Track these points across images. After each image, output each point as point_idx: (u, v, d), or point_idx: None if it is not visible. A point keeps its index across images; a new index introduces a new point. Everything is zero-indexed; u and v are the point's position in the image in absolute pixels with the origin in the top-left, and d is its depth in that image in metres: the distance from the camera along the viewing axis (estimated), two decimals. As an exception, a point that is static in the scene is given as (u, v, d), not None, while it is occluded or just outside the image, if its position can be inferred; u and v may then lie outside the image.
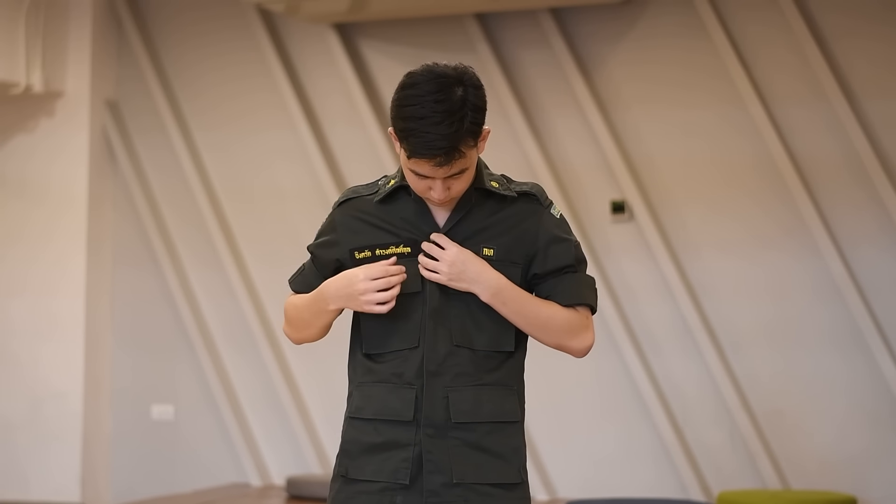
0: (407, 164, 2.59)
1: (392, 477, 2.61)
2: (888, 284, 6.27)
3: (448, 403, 2.60)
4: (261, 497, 6.77)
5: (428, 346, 2.61)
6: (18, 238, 7.38)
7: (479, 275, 2.61)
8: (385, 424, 2.63)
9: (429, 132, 2.51)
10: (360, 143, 7.08)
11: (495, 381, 2.64)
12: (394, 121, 2.57)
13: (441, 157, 2.53)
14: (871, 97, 6.34)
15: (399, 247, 2.65)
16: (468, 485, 2.60)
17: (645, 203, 6.61)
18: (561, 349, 2.71)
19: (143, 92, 7.44)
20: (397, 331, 2.63)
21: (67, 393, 7.24)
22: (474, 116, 2.55)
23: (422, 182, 2.60)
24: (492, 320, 2.64)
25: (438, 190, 2.59)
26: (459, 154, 2.54)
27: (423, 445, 2.60)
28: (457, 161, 2.55)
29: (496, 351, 2.65)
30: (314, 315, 2.72)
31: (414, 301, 2.63)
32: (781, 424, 6.39)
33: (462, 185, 2.61)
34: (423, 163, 2.55)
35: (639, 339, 6.60)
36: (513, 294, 2.63)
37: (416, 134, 2.52)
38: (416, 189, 2.63)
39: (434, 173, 2.56)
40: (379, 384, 2.64)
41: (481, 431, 2.62)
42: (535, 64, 6.84)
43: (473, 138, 2.57)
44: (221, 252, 7.24)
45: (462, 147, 2.54)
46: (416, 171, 2.58)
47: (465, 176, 2.61)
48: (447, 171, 2.56)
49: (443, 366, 2.61)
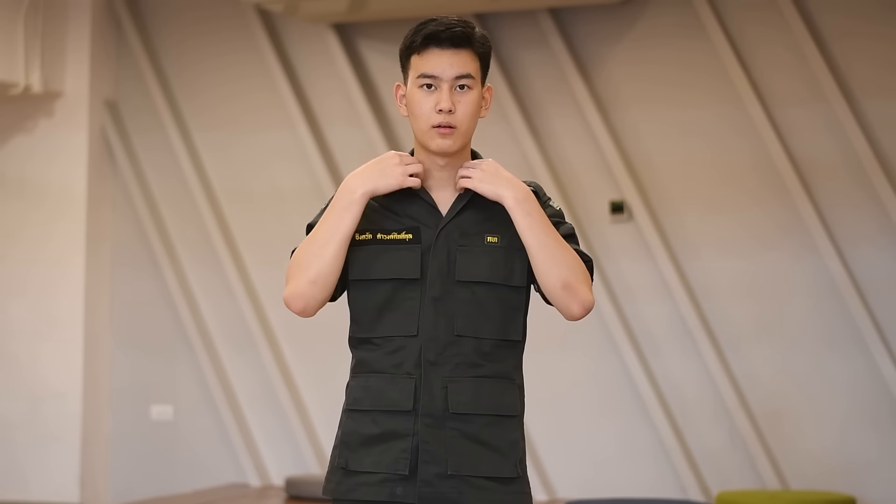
0: (416, 71, 2.62)
1: (392, 468, 2.60)
2: (887, 284, 6.27)
3: (447, 394, 2.60)
4: (260, 497, 6.77)
5: (427, 336, 2.60)
6: (18, 238, 7.38)
7: (509, 180, 2.63)
8: (384, 415, 2.62)
9: (440, 21, 2.62)
10: (359, 143, 7.08)
11: (496, 372, 2.63)
12: (404, 43, 2.65)
13: (453, 38, 2.60)
14: (870, 97, 6.34)
15: (401, 233, 2.65)
16: (463, 477, 2.59)
17: (644, 203, 6.61)
18: (567, 293, 2.60)
19: (142, 92, 7.44)
20: (392, 316, 2.62)
21: (67, 393, 7.24)
22: (483, 39, 2.66)
23: (427, 99, 2.62)
24: (499, 308, 2.64)
25: (445, 98, 2.60)
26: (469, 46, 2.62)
27: (421, 435, 2.59)
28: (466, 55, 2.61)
29: (502, 340, 2.64)
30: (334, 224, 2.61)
31: (412, 289, 2.62)
32: (780, 425, 6.40)
33: (466, 107, 2.63)
34: (433, 54, 2.60)
35: (638, 339, 6.60)
36: (537, 207, 2.63)
37: (432, 24, 2.62)
38: (421, 113, 2.63)
39: (443, 68, 2.60)
40: (377, 374, 2.63)
41: (479, 423, 2.61)
42: (534, 64, 6.84)
43: (481, 53, 2.65)
44: (220, 252, 7.24)
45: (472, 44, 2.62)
46: (424, 72, 2.61)
47: (470, 97, 2.63)
48: (456, 63, 2.60)
49: (442, 355, 2.60)
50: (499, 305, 2.64)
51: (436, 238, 2.64)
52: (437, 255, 2.63)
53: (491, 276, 2.63)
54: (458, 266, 2.63)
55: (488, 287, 2.63)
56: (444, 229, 2.65)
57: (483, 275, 2.63)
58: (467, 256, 2.63)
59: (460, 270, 2.63)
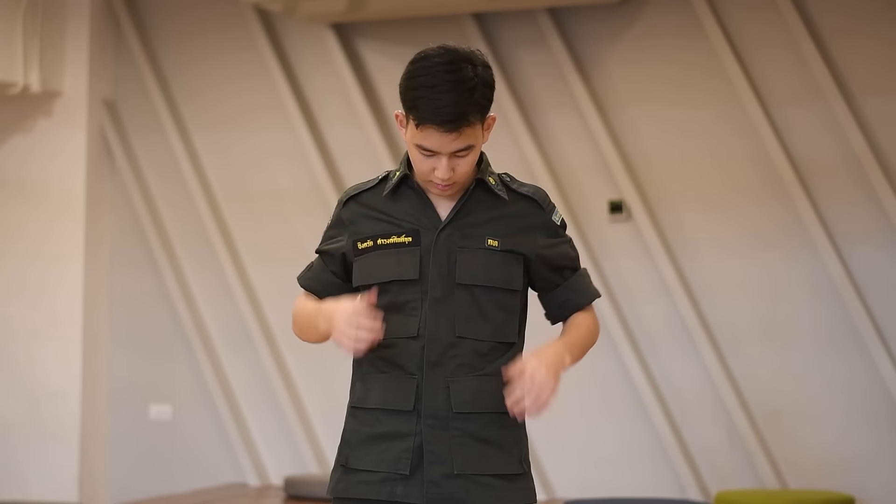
0: (414, 138, 2.60)
1: (392, 467, 2.61)
2: (886, 283, 6.27)
3: (449, 394, 2.61)
4: (259, 497, 6.77)
5: (429, 337, 2.61)
6: (16, 238, 7.38)
7: (552, 362, 2.60)
8: (386, 415, 2.63)
9: (439, 99, 2.54)
10: (357, 143, 7.09)
11: (496, 372, 2.64)
12: (403, 94, 2.60)
13: (450, 123, 2.54)
14: (869, 96, 6.35)
15: (401, 236, 2.66)
16: (469, 476, 2.60)
17: (643, 202, 6.62)
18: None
19: (141, 92, 7.44)
20: (395, 319, 2.63)
21: (65, 393, 7.24)
22: (484, 91, 2.59)
23: (427, 162, 2.61)
24: (497, 311, 2.65)
25: (443, 168, 2.59)
26: (468, 124, 2.56)
27: (424, 436, 2.60)
28: (465, 131, 2.57)
29: (499, 342, 2.65)
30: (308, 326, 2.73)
31: (413, 291, 2.63)
32: (779, 424, 6.40)
33: (466, 167, 2.62)
34: (431, 132, 2.56)
35: (636, 338, 6.61)
36: (573, 349, 2.69)
37: (425, 102, 2.54)
38: (420, 171, 2.63)
39: (441, 145, 2.57)
40: (380, 374, 2.64)
41: (482, 422, 2.62)
42: (533, 64, 6.84)
43: (482, 113, 2.60)
44: (219, 252, 7.24)
45: (471, 118, 2.57)
46: (422, 145, 2.59)
47: (470, 157, 2.62)
48: (454, 141, 2.57)
49: (444, 356, 2.61)
50: (497, 308, 2.66)
51: (435, 240, 2.64)
52: (437, 256, 2.64)
53: (490, 280, 2.65)
54: (459, 268, 2.64)
55: (487, 290, 2.64)
56: (443, 231, 2.65)
57: (482, 277, 2.64)
58: (467, 258, 2.64)
59: (461, 272, 2.64)
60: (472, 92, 2.56)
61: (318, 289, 2.78)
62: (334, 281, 2.76)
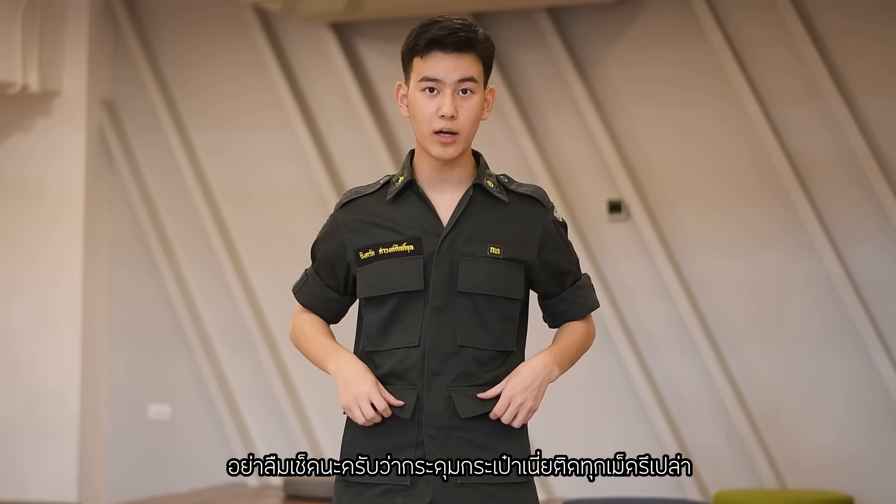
0: (419, 73, 2.61)
1: (394, 479, 2.60)
2: (885, 283, 6.27)
3: (451, 403, 2.60)
4: (258, 497, 6.77)
5: (430, 346, 2.60)
6: (15, 238, 7.38)
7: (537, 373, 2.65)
8: (385, 425, 2.61)
9: (443, 24, 2.60)
10: (357, 143, 7.08)
11: (496, 381, 2.63)
12: (406, 44, 2.64)
13: (456, 40, 2.58)
14: (868, 96, 6.34)
15: (402, 244, 2.64)
16: (472, 485, 2.59)
17: (641, 202, 6.61)
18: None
19: (140, 91, 7.44)
20: (398, 328, 2.62)
21: (64, 392, 7.23)
22: (485, 39, 2.64)
23: (430, 103, 2.61)
24: (497, 320, 2.64)
25: (447, 104, 2.59)
26: (472, 49, 2.60)
27: (426, 447, 2.59)
28: (469, 58, 2.59)
29: (498, 351, 2.64)
30: (311, 357, 2.77)
31: (416, 299, 2.62)
32: (778, 424, 6.40)
33: (469, 112, 2.62)
34: (436, 57, 2.59)
35: (635, 338, 6.60)
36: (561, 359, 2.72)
37: (435, 26, 2.60)
38: (423, 118, 2.62)
39: (446, 71, 2.58)
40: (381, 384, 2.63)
41: (483, 431, 2.61)
42: (532, 63, 6.84)
43: (484, 55, 2.63)
44: (218, 252, 7.24)
45: (475, 47, 2.61)
46: (427, 75, 2.59)
47: (474, 101, 2.62)
48: (458, 66, 2.58)
49: (445, 365, 2.60)
50: (497, 317, 2.65)
51: (438, 247, 2.63)
52: (439, 264, 2.62)
53: (492, 288, 2.64)
54: (461, 276, 2.62)
55: (489, 298, 2.63)
56: (446, 238, 2.64)
57: (485, 286, 2.63)
58: (469, 266, 2.63)
59: (462, 281, 2.62)
60: (476, 32, 2.62)
61: (317, 305, 2.78)
62: (332, 297, 2.76)
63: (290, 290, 2.84)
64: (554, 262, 2.71)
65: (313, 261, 2.78)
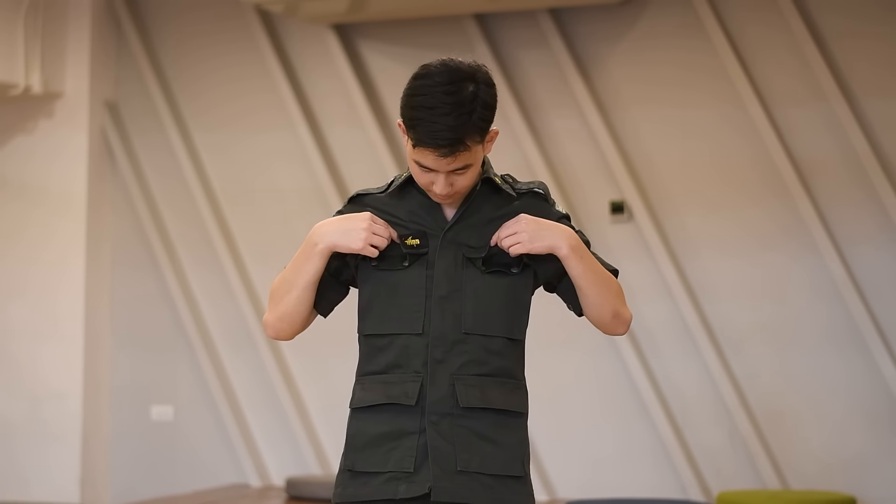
0: (412, 155, 2.60)
1: (398, 466, 2.59)
2: (887, 284, 6.27)
3: (454, 391, 2.59)
4: (260, 498, 6.77)
5: (434, 334, 2.60)
6: (18, 239, 7.38)
7: (553, 228, 2.62)
8: (390, 414, 2.61)
9: (436, 122, 2.51)
10: (359, 144, 7.09)
11: (501, 371, 2.63)
12: (403, 110, 2.58)
13: (445, 148, 2.53)
14: (870, 97, 6.35)
15: (408, 239, 2.65)
16: (472, 474, 2.59)
17: (644, 203, 6.62)
18: (615, 321, 2.70)
19: (143, 93, 7.44)
20: (400, 314, 2.62)
21: (67, 393, 7.24)
22: (483, 113, 2.56)
23: (425, 175, 2.60)
24: (506, 306, 2.64)
25: (441, 184, 2.59)
26: (464, 147, 2.55)
27: (428, 433, 2.59)
28: (461, 154, 2.55)
29: (507, 338, 2.64)
30: (298, 269, 2.70)
31: (419, 287, 2.62)
32: (781, 424, 6.40)
33: (465, 181, 2.61)
34: (427, 153, 2.55)
35: (638, 339, 6.60)
36: (583, 247, 2.66)
37: (422, 123, 2.53)
38: (419, 182, 2.63)
39: (438, 166, 2.57)
40: (383, 374, 2.63)
41: (487, 421, 2.61)
42: (534, 64, 6.84)
43: (480, 135, 2.57)
44: (221, 253, 7.24)
45: (468, 141, 2.55)
46: (420, 162, 2.58)
47: (469, 173, 2.61)
48: (451, 163, 2.56)
49: (449, 353, 2.60)
50: (503, 304, 2.64)
51: (441, 239, 2.64)
52: (443, 255, 2.63)
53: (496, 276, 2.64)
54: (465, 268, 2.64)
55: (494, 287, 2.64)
56: (449, 231, 2.65)
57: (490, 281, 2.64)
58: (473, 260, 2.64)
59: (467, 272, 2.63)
60: (470, 115, 2.53)
61: None
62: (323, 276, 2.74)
63: None
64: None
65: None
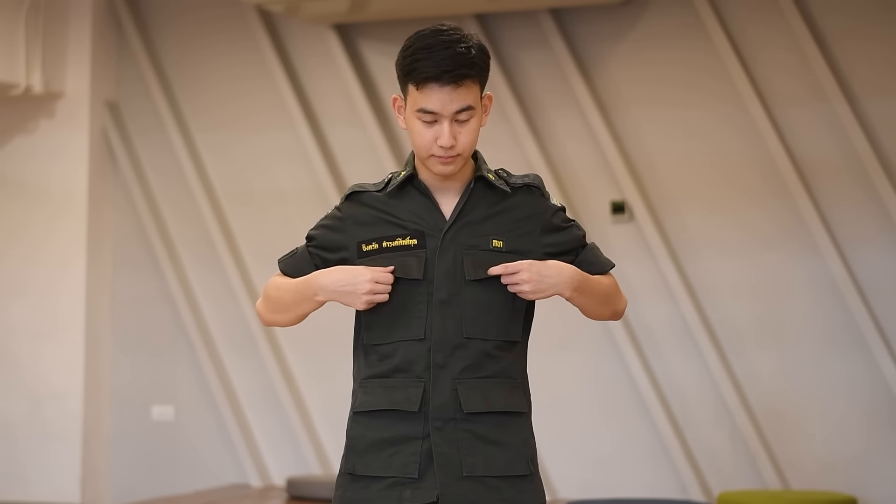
0: (415, 104, 2.60)
1: (401, 471, 2.59)
2: (888, 285, 6.27)
3: (457, 396, 2.59)
4: (261, 498, 6.77)
5: (435, 339, 2.60)
6: (18, 239, 7.38)
7: (556, 275, 2.64)
8: (392, 419, 2.61)
9: (438, 53, 2.56)
10: (360, 143, 7.09)
11: (501, 372, 2.63)
12: (401, 63, 2.61)
13: (450, 74, 2.55)
14: (871, 97, 6.34)
15: (406, 238, 2.64)
16: (478, 477, 2.59)
17: (645, 203, 6.62)
18: (611, 317, 2.81)
19: (143, 93, 7.44)
20: (401, 322, 2.62)
21: (67, 393, 7.24)
22: (480, 54, 2.60)
23: (428, 131, 2.60)
24: (503, 310, 2.64)
25: (445, 134, 2.58)
26: (467, 77, 2.57)
27: (432, 439, 2.58)
28: (465, 86, 2.57)
29: (505, 341, 2.64)
30: (296, 302, 2.73)
31: (418, 292, 2.62)
32: (781, 425, 6.39)
33: (468, 135, 2.61)
34: (432, 90, 2.56)
35: (639, 339, 6.60)
36: (586, 280, 2.69)
37: (425, 59, 2.56)
38: (422, 144, 2.62)
39: (443, 104, 2.57)
40: (385, 378, 2.63)
41: (490, 423, 2.61)
42: (535, 64, 6.84)
43: (479, 75, 2.61)
44: (221, 253, 7.24)
45: (470, 71, 2.57)
46: (424, 107, 2.58)
47: (471, 124, 2.61)
48: (455, 98, 2.57)
49: (451, 358, 2.60)
50: (503, 308, 2.65)
51: (441, 241, 2.64)
52: (442, 258, 2.63)
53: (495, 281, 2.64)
54: (466, 269, 2.63)
55: (493, 291, 2.63)
56: (448, 232, 2.64)
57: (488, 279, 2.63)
58: (473, 259, 2.64)
59: (468, 273, 2.63)
60: (469, 50, 2.58)
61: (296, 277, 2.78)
62: None
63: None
64: (559, 242, 2.71)
65: (309, 242, 2.79)
